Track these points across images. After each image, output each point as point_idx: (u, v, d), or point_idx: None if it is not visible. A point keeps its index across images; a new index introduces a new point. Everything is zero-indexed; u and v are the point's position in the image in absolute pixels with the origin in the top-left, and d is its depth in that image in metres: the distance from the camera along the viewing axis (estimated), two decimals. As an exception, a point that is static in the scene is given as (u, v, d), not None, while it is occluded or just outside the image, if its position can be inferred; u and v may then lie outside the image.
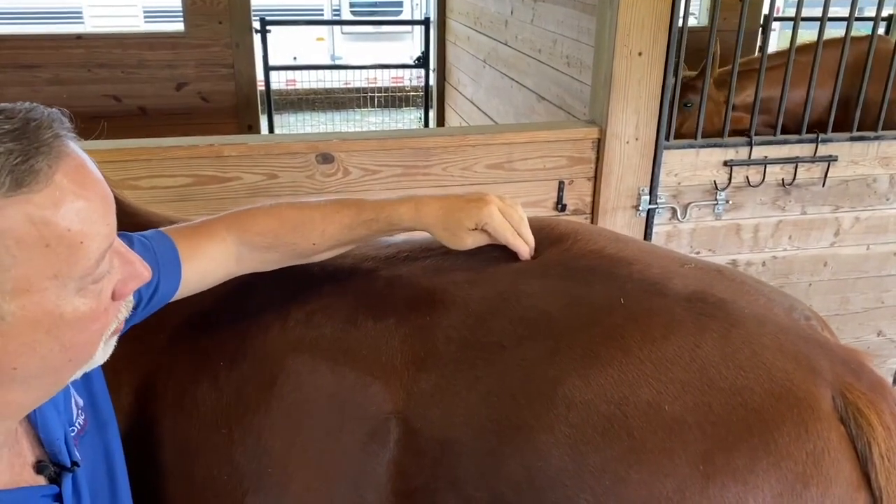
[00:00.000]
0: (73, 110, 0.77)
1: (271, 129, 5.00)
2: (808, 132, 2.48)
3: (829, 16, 2.41)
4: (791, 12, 4.07)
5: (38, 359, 0.73)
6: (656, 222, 2.46)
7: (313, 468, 1.08)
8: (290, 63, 7.09)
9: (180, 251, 1.06)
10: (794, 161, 2.48)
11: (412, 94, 7.03)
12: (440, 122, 4.96)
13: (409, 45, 8.85)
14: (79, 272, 0.71)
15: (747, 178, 2.49)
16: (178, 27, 4.23)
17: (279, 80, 6.06)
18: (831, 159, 2.50)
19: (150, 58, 4.17)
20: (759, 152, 2.46)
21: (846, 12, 2.48)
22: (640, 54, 2.25)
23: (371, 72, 7.05)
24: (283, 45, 6.47)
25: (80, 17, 8.99)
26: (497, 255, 1.19)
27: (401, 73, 7.34)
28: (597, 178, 2.39)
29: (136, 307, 1.01)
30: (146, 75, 4.18)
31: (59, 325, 0.72)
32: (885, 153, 2.56)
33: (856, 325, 2.84)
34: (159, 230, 1.08)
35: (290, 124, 6.94)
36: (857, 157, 2.54)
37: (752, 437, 0.91)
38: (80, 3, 9.00)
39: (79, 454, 0.90)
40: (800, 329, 1.05)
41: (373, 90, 7.03)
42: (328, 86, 6.85)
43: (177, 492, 1.16)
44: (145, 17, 9.06)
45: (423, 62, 5.17)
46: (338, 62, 9.17)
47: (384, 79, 7.09)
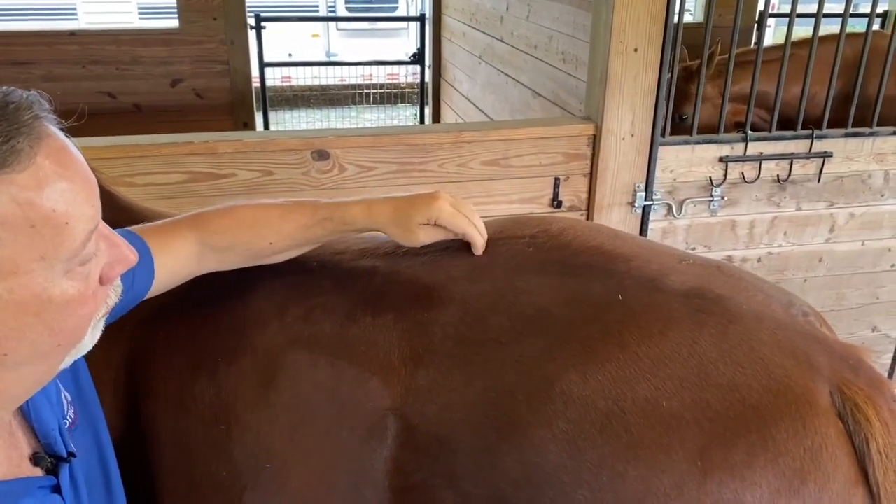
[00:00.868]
0: (66, 107, 0.76)
1: (266, 126, 4.99)
2: (803, 128, 2.49)
3: (824, 12, 2.41)
4: (786, 8, 4.08)
5: (28, 344, 0.72)
6: (652, 218, 2.47)
7: (312, 464, 1.08)
8: (286, 60, 7.08)
9: (152, 250, 1.06)
10: (790, 157, 2.49)
11: (408, 90, 7.02)
12: (436, 118, 4.96)
13: (404, 42, 8.83)
14: (65, 253, 0.71)
15: (743, 174, 2.49)
16: (173, 23, 4.22)
17: (274, 77, 6.04)
18: (826, 155, 2.51)
19: (145, 54, 4.16)
20: (754, 148, 2.46)
21: (841, 8, 2.48)
22: (635, 50, 2.25)
23: (366, 68, 7.04)
24: (279, 42, 6.45)
25: (74, 14, 8.95)
26: (497, 252, 1.19)
27: (396, 69, 7.33)
28: (592, 175, 2.39)
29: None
30: (141, 72, 4.17)
31: (47, 309, 0.72)
32: (880, 149, 2.56)
33: (851, 321, 2.85)
34: (128, 229, 1.08)
35: (286, 121, 6.93)
36: (851, 154, 2.55)
37: (749, 433, 0.91)
38: (74, -1, 8.97)
39: (73, 447, 0.90)
40: (798, 325, 1.05)
41: (368, 87, 7.02)
42: (323, 82, 6.84)
43: (175, 488, 1.15)
44: (140, 14, 9.02)
45: (418, 59, 5.16)
46: (333, 59, 9.15)
47: (380, 75, 7.08)
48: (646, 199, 2.42)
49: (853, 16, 2.45)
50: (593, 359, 0.98)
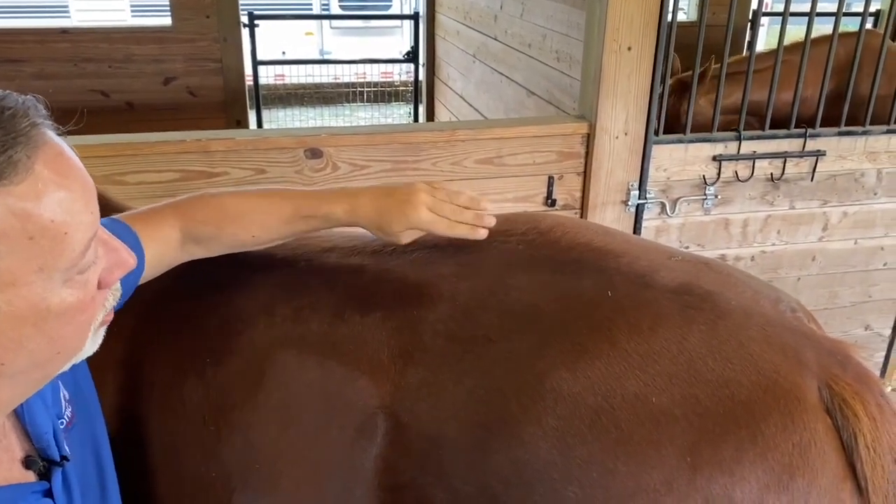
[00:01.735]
0: (58, 105, 0.75)
1: (259, 125, 4.98)
2: (796, 127, 2.49)
3: (817, 11, 2.42)
4: (779, 7, 4.09)
5: (26, 353, 0.71)
6: (645, 217, 2.47)
7: (301, 464, 1.08)
8: (279, 58, 7.06)
9: (140, 237, 1.06)
10: (783, 156, 2.49)
11: (401, 89, 7.01)
12: (429, 117, 4.95)
13: (398, 40, 8.83)
14: (64, 263, 0.70)
15: (736, 172, 2.49)
16: (166, 21, 4.20)
17: (268, 75, 6.02)
18: (819, 154, 2.51)
19: (138, 52, 4.14)
20: (747, 147, 2.46)
21: (834, 7, 2.49)
22: (629, 49, 2.25)
23: (360, 67, 7.02)
24: (272, 40, 6.44)
25: (66, 12, 8.91)
26: (487, 249, 1.18)
27: (390, 67, 7.31)
28: (586, 174, 2.39)
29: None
30: (133, 70, 4.15)
31: (45, 318, 0.71)
32: (873, 148, 2.57)
33: (844, 319, 2.85)
34: (113, 217, 1.07)
35: (279, 119, 6.91)
36: (844, 152, 2.56)
37: (738, 428, 0.92)
38: (66, -4, 8.93)
39: (68, 448, 0.89)
40: (786, 321, 1.06)
41: (362, 85, 7.00)
42: (317, 81, 6.82)
43: (165, 490, 1.15)
44: (132, 12, 8.98)
45: (412, 57, 5.15)
46: (327, 57, 9.14)
47: (373, 74, 7.06)
48: (639, 198, 2.43)
49: (846, 15, 2.46)
50: (583, 355, 0.98)
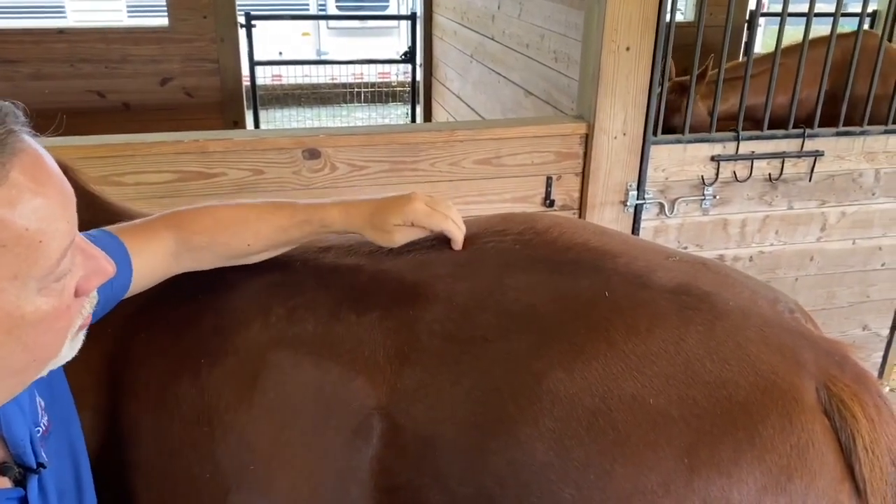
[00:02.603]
0: (55, 106, 0.74)
1: (257, 125, 4.97)
2: (794, 127, 2.49)
3: (815, 11, 2.42)
4: (777, 8, 4.09)
5: (1, 360, 0.70)
6: (644, 217, 2.47)
7: (297, 465, 1.07)
8: (276, 58, 7.05)
9: (129, 249, 1.06)
10: (781, 156, 2.49)
11: (399, 89, 7.00)
12: (427, 117, 4.95)
13: (395, 41, 8.81)
14: (39, 272, 0.68)
15: (734, 173, 2.49)
16: (163, 22, 4.19)
17: (265, 76, 6.02)
18: (817, 154, 2.51)
19: (134, 53, 4.13)
20: (746, 147, 2.46)
21: (832, 8, 2.49)
22: (627, 49, 2.25)
23: (357, 67, 7.02)
24: (269, 40, 6.42)
25: (63, 12, 8.88)
26: (483, 249, 1.18)
27: (387, 68, 7.31)
28: (584, 174, 2.39)
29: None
30: (130, 70, 4.14)
31: (20, 326, 0.69)
32: (871, 148, 2.57)
33: (842, 320, 2.86)
34: (103, 229, 1.07)
35: (276, 120, 6.91)
36: (842, 153, 2.56)
37: (736, 430, 0.91)
38: (62, -3, 8.90)
39: (45, 456, 0.88)
40: (784, 321, 1.05)
41: (359, 85, 7.00)
42: (314, 81, 6.81)
43: (158, 491, 1.14)
44: (129, 12, 8.97)
45: (409, 57, 5.14)
46: (324, 57, 9.13)
47: (371, 74, 7.06)
48: (638, 198, 2.42)
49: (844, 15, 2.46)
50: (580, 356, 0.98)
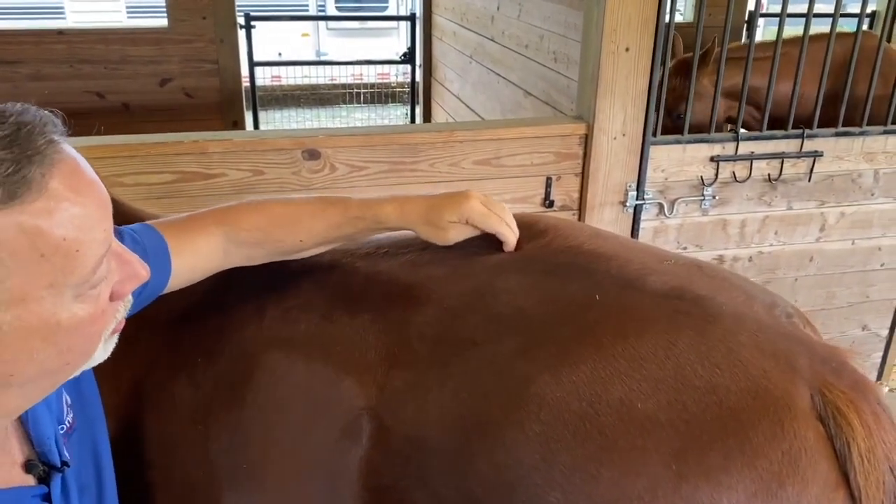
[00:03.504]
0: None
1: (256, 126, 4.97)
2: (794, 128, 2.50)
3: (814, 12, 2.42)
4: (776, 9, 4.10)
5: (36, 365, 0.71)
6: (643, 218, 2.47)
7: (287, 464, 1.08)
8: (275, 59, 7.05)
9: (169, 245, 1.06)
10: (780, 156, 2.49)
11: (398, 90, 6.99)
12: (426, 118, 4.95)
13: (394, 41, 8.82)
14: (75, 280, 0.69)
15: (734, 173, 2.49)
16: (162, 22, 4.19)
17: (264, 77, 6.01)
18: (817, 155, 2.51)
19: (134, 53, 4.12)
20: (745, 148, 2.46)
21: (831, 9, 2.49)
22: (627, 50, 2.25)
23: (357, 68, 7.02)
24: (268, 41, 6.42)
25: (62, 13, 8.88)
26: (476, 251, 1.18)
27: (387, 69, 7.31)
28: (584, 174, 2.39)
29: None
30: (129, 71, 4.14)
31: (56, 332, 0.70)
32: (870, 148, 2.57)
33: (841, 320, 2.86)
34: (146, 224, 1.08)
35: (276, 121, 6.90)
36: (842, 153, 2.56)
37: (726, 435, 0.90)
38: (62, -3, 8.90)
39: (67, 453, 0.89)
40: (780, 326, 1.04)
41: (358, 86, 6.99)
42: (313, 82, 6.81)
43: (157, 487, 1.15)
44: (128, 13, 8.97)
45: (409, 58, 5.14)
46: (323, 58, 9.13)
47: (370, 75, 7.05)
48: (637, 199, 2.42)
49: (843, 16, 2.46)
50: (568, 360, 0.97)
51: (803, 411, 0.92)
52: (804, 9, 2.43)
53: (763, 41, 3.05)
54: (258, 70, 5.10)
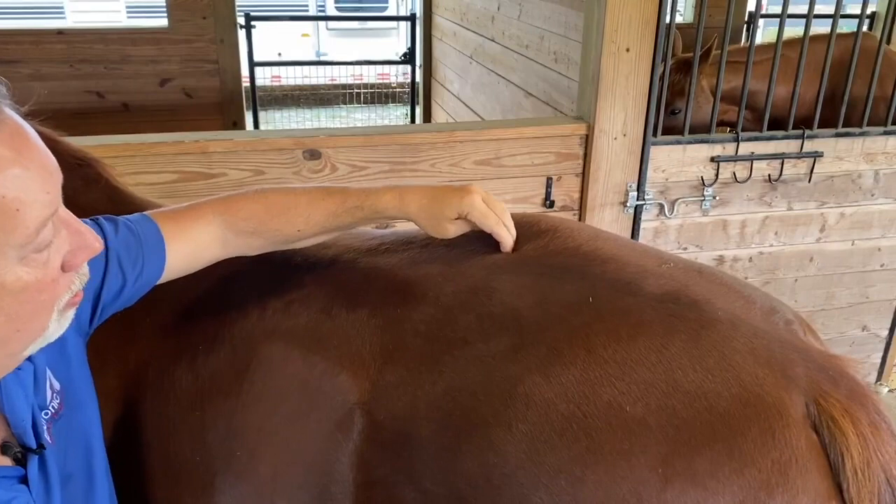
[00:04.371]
0: (55, 107, 0.75)
1: (256, 126, 4.97)
2: (794, 128, 2.50)
3: (815, 13, 2.42)
4: (775, 9, 4.10)
5: None
6: (644, 218, 2.47)
7: (280, 453, 1.09)
8: (275, 59, 7.05)
9: (165, 234, 1.06)
10: (781, 157, 2.50)
11: (398, 90, 7.00)
12: (426, 118, 4.95)
13: (394, 42, 8.82)
14: (17, 240, 0.70)
15: (734, 173, 2.49)
16: (162, 22, 4.19)
17: (264, 77, 6.02)
18: (817, 155, 2.52)
19: (134, 53, 4.12)
20: (745, 148, 2.46)
21: (831, 9, 2.49)
22: (627, 50, 2.25)
23: (357, 68, 7.02)
24: (268, 41, 6.42)
25: (62, 12, 8.88)
26: (475, 250, 1.18)
27: (387, 69, 7.31)
28: (585, 175, 2.39)
29: (121, 289, 1.01)
30: (129, 71, 4.14)
31: (0, 295, 0.71)
32: (870, 149, 2.58)
33: (841, 320, 2.86)
34: (144, 214, 1.09)
35: (276, 121, 6.91)
36: (842, 153, 2.56)
37: (715, 441, 0.89)
38: (62, -3, 8.90)
39: (51, 438, 0.89)
40: (777, 333, 1.03)
41: (359, 86, 7.00)
42: (313, 82, 6.82)
43: (155, 471, 1.17)
44: (128, 13, 8.96)
45: (409, 58, 5.15)
46: (323, 58, 9.12)
47: (370, 75, 7.06)
48: (638, 199, 2.42)
49: (843, 16, 2.46)
50: (558, 361, 0.97)
51: (796, 420, 0.92)
52: (804, 9, 2.43)
53: (761, 43, 3.05)
54: (258, 70, 5.11)
